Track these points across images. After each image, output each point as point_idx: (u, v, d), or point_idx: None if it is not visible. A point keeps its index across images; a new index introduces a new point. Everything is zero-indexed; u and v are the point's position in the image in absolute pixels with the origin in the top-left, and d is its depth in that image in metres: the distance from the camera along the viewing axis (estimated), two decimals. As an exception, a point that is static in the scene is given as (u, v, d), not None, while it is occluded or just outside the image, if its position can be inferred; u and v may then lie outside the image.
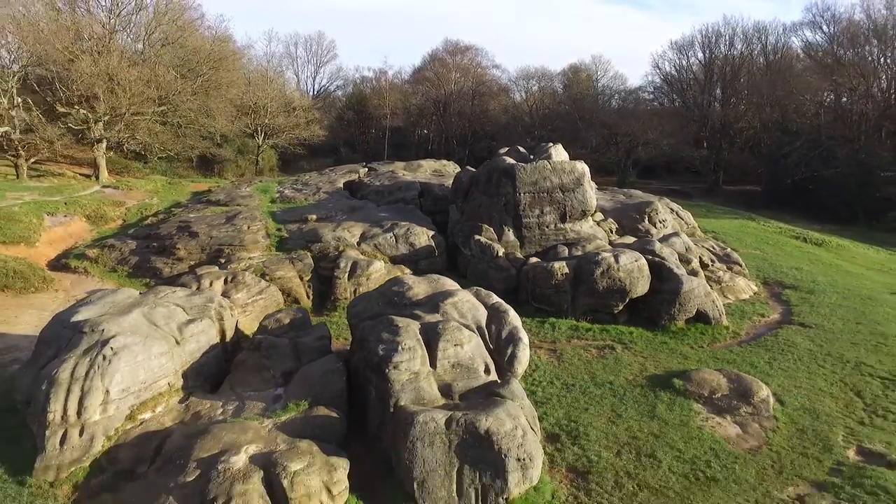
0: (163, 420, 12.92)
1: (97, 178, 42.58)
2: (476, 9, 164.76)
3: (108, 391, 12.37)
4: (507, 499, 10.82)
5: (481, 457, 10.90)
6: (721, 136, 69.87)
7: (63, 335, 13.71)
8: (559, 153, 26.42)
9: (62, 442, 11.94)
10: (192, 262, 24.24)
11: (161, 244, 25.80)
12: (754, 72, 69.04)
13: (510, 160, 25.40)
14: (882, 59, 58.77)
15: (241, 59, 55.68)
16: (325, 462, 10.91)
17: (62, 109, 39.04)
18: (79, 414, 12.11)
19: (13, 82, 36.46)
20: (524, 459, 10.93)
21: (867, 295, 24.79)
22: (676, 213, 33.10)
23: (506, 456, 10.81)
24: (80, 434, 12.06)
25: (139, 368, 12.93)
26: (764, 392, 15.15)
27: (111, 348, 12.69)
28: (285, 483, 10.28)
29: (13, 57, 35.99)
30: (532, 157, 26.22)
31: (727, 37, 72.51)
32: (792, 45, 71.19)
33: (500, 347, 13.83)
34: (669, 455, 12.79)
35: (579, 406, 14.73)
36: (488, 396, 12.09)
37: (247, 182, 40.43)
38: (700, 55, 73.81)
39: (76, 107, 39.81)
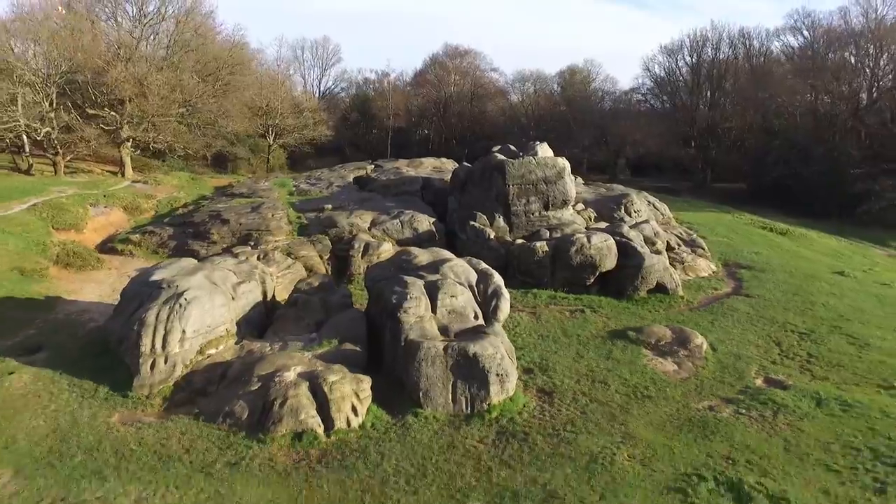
0: (224, 355, 16.67)
1: (123, 174, 46.43)
2: (477, 9, 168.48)
3: (184, 331, 16.13)
4: (488, 404, 14.57)
5: (470, 373, 14.65)
6: (709, 137, 73.65)
7: (143, 291, 17.47)
8: (544, 150, 30.18)
9: (152, 368, 15.70)
10: (225, 245, 28.00)
11: (196, 230, 29.59)
12: (739, 75, 72.61)
13: (501, 157, 29.16)
14: (857, 64, 62.47)
15: (254, 63, 59.33)
16: (353, 377, 14.68)
17: (93, 112, 42.86)
18: (163, 347, 15.87)
19: (53, 88, 40.22)
20: (502, 375, 14.69)
21: (811, 274, 28.52)
22: (653, 205, 36.82)
23: (488, 372, 14.56)
24: (165, 362, 15.83)
25: (206, 315, 16.70)
26: (699, 340, 18.89)
27: (185, 299, 16.45)
28: (326, 388, 14.04)
29: (53, 66, 39.62)
30: (520, 153, 29.95)
31: (714, 41, 76.24)
32: (774, 49, 74.94)
33: (487, 300, 17.60)
34: (617, 382, 16.53)
35: (550, 350, 18.48)
36: (476, 334, 15.83)
37: (264, 178, 44.21)
38: (688, 59, 77.41)
39: (105, 109, 43.66)
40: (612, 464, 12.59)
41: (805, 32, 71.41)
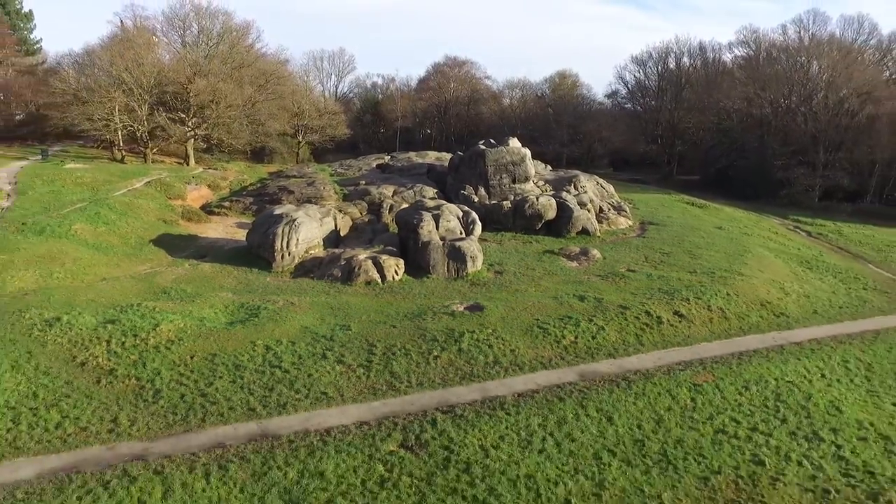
0: (318, 254, 29.48)
1: (188, 164, 59.21)
2: (480, 9, 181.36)
3: (298, 239, 28.95)
4: (466, 272, 27.39)
5: (457, 256, 27.48)
6: (673, 135, 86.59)
7: (270, 219, 30.30)
8: (514, 143, 42.93)
9: (281, 258, 28.54)
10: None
11: (270, 198, 42.40)
12: (696, 82, 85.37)
13: (483, 147, 41.95)
14: (788, 73, 74.98)
15: (290, 74, 72.25)
16: (395, 258, 27.53)
17: (172, 115, 55.71)
18: (286, 247, 28.69)
19: (147, 97, 53.08)
20: (474, 258, 27.55)
21: (697, 227, 41.25)
22: (601, 185, 49.43)
23: (465, 256, 27.41)
24: (288, 255, 28.67)
25: (308, 232, 29.54)
26: (595, 252, 31.67)
27: (297, 222, 29.29)
28: (381, 261, 26.90)
29: (148, 80, 52.42)
30: (497, 145, 42.69)
31: (676, 53, 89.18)
32: (727, 60, 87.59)
33: (467, 225, 30.45)
34: (540, 269, 29.31)
35: (505, 258, 31.28)
36: (461, 239, 28.66)
37: (305, 166, 56.97)
38: (655, 68, 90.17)
39: (180, 113, 56.50)
40: (527, 293, 25.38)
41: (751, 45, 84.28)
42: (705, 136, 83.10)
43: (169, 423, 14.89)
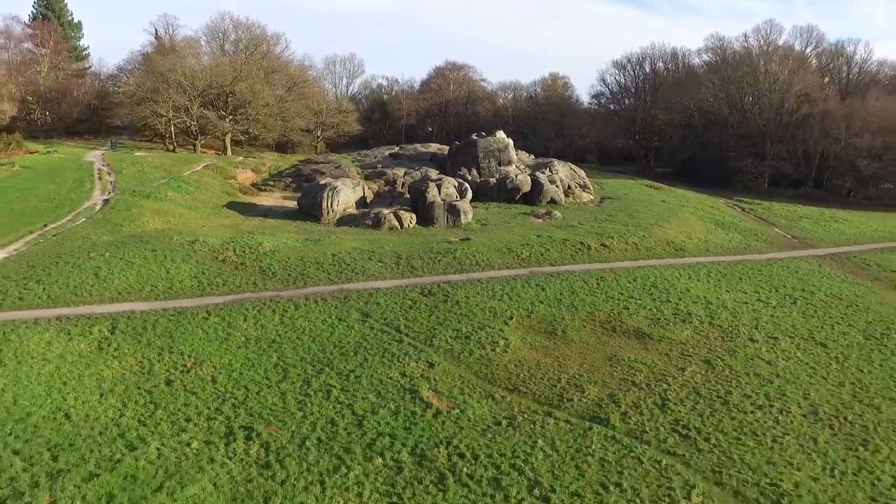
0: (353, 212, 40.41)
1: (225, 154, 70.04)
2: (482, 9, 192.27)
3: (338, 201, 39.99)
4: (460, 223, 38.40)
5: (453, 211, 38.51)
6: (649, 132, 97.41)
7: (317, 186, 41.24)
8: (500, 134, 53.87)
9: (327, 214, 39.50)
10: (325, 184, 51.57)
11: (306, 178, 53.26)
12: (667, 85, 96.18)
13: (475, 137, 52.88)
14: (746, 76, 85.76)
15: (312, 78, 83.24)
16: (409, 212, 38.52)
17: (220, 113, 66.61)
18: (330, 206, 39.67)
19: (197, 97, 63.97)
20: (465, 212, 38.62)
21: (646, 201, 52.12)
22: (573, 170, 60.27)
23: (459, 210, 38.45)
24: (331, 213, 39.63)
25: (345, 195, 40.56)
26: (557, 213, 42.56)
27: (337, 189, 40.28)
28: (400, 214, 37.94)
29: (199, 82, 63.34)
30: (487, 136, 53.59)
31: (651, 58, 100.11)
32: (696, 65, 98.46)
33: (462, 192, 41.45)
34: (513, 223, 40.19)
35: (489, 217, 42.19)
36: (457, 200, 39.62)
37: (328, 154, 67.91)
38: (632, 71, 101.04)
39: (221, 111, 67.38)
40: (502, 233, 36.25)
41: (717, 52, 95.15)
42: (675, 132, 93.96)
43: (286, 285, 25.87)
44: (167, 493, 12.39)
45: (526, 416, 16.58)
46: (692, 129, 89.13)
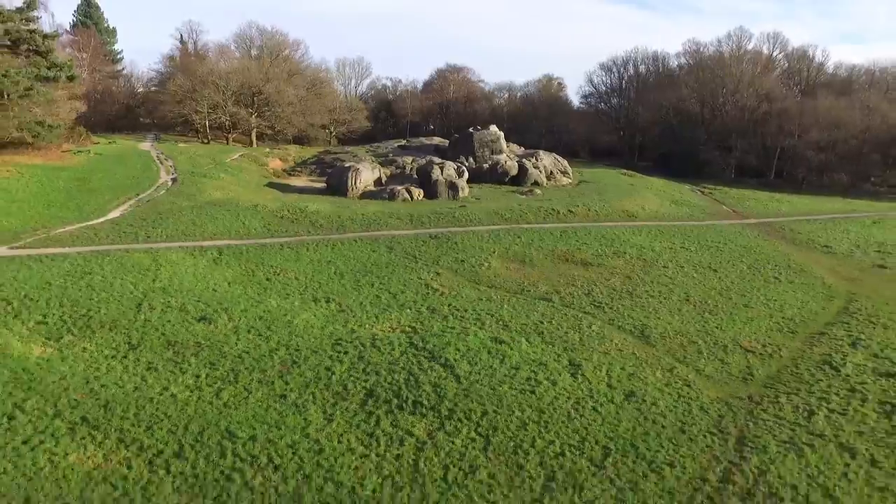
0: (372, 189, 50.02)
1: (252, 146, 79.60)
2: (486, 9, 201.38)
3: (361, 178, 49.67)
4: (460, 196, 48.01)
5: (453, 187, 48.20)
6: (633, 128, 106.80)
7: (343, 169, 50.84)
8: (493, 128, 63.48)
9: (352, 190, 49.10)
10: (345, 170, 61.20)
11: (329, 165, 62.81)
12: (649, 85, 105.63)
13: (472, 131, 62.48)
14: (718, 78, 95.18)
15: (329, 80, 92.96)
16: (418, 189, 48.16)
17: (248, 110, 76.16)
18: (354, 183, 49.31)
19: (231, 96, 73.56)
20: (463, 188, 48.32)
21: (615, 184, 61.63)
22: (557, 159, 69.86)
23: (458, 186, 48.17)
24: (355, 189, 49.26)
25: (366, 175, 50.25)
26: (539, 192, 52.14)
27: (359, 169, 49.91)
28: (410, 189, 47.53)
29: (233, 82, 72.91)
30: (482, 129, 63.14)
31: (634, 61, 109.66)
32: (674, 67, 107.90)
33: (460, 173, 51.10)
34: (501, 198, 49.74)
35: (482, 194, 51.75)
36: (455, 179, 49.25)
37: (344, 147, 77.55)
38: (617, 73, 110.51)
39: (249, 109, 76.92)
40: (491, 204, 45.77)
41: (694, 56, 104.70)
42: (654, 128, 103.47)
43: (331, 232, 35.50)
44: (290, 316, 22.00)
45: (498, 296, 26.16)
46: (670, 125, 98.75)
